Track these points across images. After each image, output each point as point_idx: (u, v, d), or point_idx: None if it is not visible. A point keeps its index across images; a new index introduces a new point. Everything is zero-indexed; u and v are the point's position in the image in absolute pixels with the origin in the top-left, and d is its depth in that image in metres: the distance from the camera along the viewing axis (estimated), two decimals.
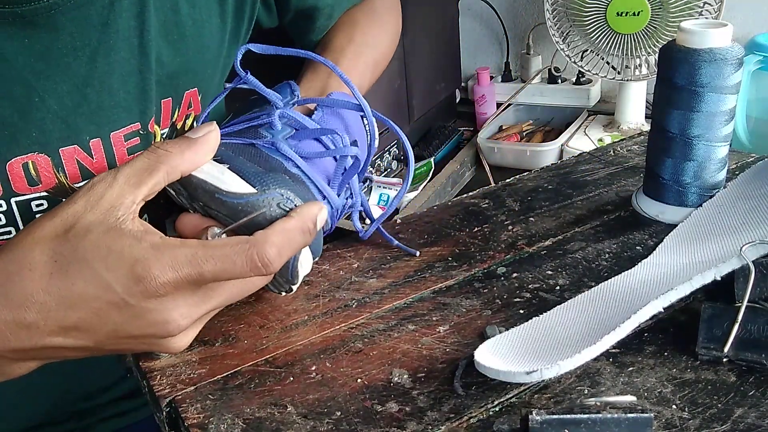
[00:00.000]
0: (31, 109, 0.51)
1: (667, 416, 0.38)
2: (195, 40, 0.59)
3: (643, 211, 0.61)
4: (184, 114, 0.61)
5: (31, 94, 0.51)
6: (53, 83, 0.51)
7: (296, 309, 0.51)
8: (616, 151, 0.75)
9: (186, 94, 0.60)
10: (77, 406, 0.66)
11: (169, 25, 0.57)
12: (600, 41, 1.48)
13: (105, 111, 0.54)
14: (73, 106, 0.53)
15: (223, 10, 0.61)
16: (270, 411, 0.41)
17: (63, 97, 0.52)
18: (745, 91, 1.41)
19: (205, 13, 0.59)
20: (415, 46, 1.65)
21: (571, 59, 1.55)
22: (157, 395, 0.43)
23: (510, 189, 0.68)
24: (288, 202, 0.45)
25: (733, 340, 0.41)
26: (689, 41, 0.54)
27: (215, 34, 0.61)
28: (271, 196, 0.45)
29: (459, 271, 0.55)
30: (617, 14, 1.43)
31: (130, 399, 0.69)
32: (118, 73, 0.54)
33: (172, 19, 0.57)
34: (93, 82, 0.53)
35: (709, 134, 0.55)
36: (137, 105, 0.56)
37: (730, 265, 0.44)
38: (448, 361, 0.44)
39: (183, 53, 0.58)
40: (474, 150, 1.77)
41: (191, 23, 0.58)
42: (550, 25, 1.52)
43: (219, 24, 0.61)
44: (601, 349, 0.40)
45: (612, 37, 1.46)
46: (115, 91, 0.54)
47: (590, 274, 0.52)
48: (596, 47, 1.49)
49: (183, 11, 0.57)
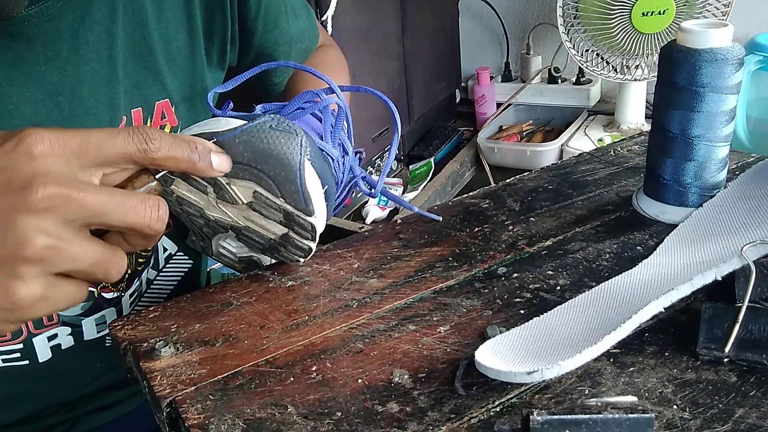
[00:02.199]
0: (5, 116, 0.52)
1: (668, 416, 0.38)
2: (162, 53, 0.61)
3: (643, 211, 0.60)
4: (157, 124, 0.63)
5: (5, 101, 0.52)
6: (26, 91, 0.53)
7: (297, 309, 0.51)
8: (617, 151, 0.75)
9: (157, 104, 0.62)
10: (64, 398, 0.66)
11: (136, 38, 0.59)
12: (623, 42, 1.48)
13: (77, 118, 0.56)
14: (46, 113, 0.54)
15: (191, 27, 0.63)
16: (270, 411, 0.41)
17: (36, 104, 0.54)
18: (745, 91, 1.41)
19: (172, 29, 0.62)
20: (415, 46, 1.65)
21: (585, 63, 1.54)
22: (157, 395, 0.43)
23: (510, 189, 0.68)
24: (280, 123, 0.47)
25: (734, 341, 0.41)
26: (690, 41, 0.54)
27: (182, 49, 0.63)
28: (262, 120, 0.47)
29: (459, 271, 0.55)
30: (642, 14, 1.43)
31: (117, 390, 0.70)
32: (89, 82, 0.56)
33: (140, 33, 0.59)
34: (64, 90, 0.55)
35: (710, 134, 0.55)
36: (107, 113, 0.58)
37: (731, 265, 0.44)
38: (449, 361, 0.44)
39: (150, 65, 0.60)
40: (474, 150, 1.77)
41: (158, 37, 0.60)
42: (560, 23, 1.52)
43: (186, 40, 0.63)
44: (602, 349, 0.40)
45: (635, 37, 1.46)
46: (86, 100, 0.56)
47: (591, 275, 0.52)
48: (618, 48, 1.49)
49: (151, 26, 0.60)
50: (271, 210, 0.50)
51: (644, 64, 1.49)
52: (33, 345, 0.59)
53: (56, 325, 0.60)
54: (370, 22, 0.83)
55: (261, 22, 0.69)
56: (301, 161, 0.48)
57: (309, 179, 0.49)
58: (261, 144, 0.46)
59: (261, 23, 0.69)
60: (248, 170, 0.47)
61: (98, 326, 0.63)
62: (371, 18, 0.83)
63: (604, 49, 1.50)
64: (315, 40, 0.81)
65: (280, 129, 0.47)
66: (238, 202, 0.50)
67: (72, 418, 0.68)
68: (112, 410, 0.70)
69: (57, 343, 0.61)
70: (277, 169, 0.48)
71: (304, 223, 0.50)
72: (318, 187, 0.50)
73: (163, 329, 0.50)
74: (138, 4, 0.58)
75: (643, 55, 1.48)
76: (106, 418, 0.70)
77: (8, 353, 0.58)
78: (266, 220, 0.51)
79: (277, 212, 0.50)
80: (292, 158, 0.48)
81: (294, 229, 0.51)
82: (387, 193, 0.60)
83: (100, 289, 0.61)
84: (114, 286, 0.62)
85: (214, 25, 0.65)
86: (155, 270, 0.68)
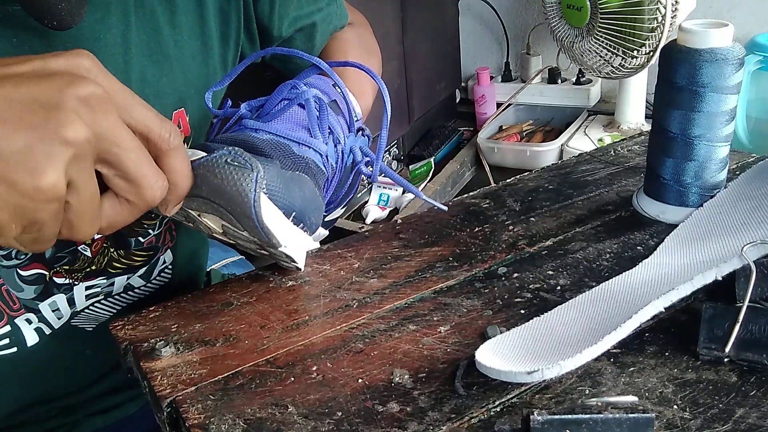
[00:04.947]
0: None
1: (669, 416, 0.38)
2: (178, 60, 0.60)
3: (643, 211, 0.60)
4: None
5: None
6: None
7: (297, 309, 0.51)
8: (617, 151, 0.75)
9: (174, 114, 0.61)
10: (64, 401, 0.66)
11: (152, 45, 0.58)
12: (561, 34, 1.49)
13: None
14: None
15: (204, 32, 0.62)
16: (271, 411, 0.41)
17: None
18: (745, 91, 1.41)
19: (186, 35, 0.60)
20: (415, 46, 1.65)
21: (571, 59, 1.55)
22: (158, 395, 0.43)
23: (510, 189, 0.68)
24: (236, 156, 0.46)
25: (734, 340, 0.41)
26: (690, 41, 0.54)
27: (197, 56, 0.62)
28: (219, 153, 0.45)
29: (460, 271, 0.55)
30: (567, 6, 1.43)
31: (118, 393, 0.69)
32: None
33: (155, 39, 0.58)
34: None
35: (710, 134, 0.55)
36: None
37: (731, 265, 0.44)
38: (449, 361, 0.44)
39: (167, 73, 0.59)
40: (474, 150, 1.77)
41: (173, 44, 0.59)
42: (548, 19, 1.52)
43: (200, 47, 0.62)
44: (602, 349, 0.40)
45: (569, 30, 1.47)
46: None
47: (591, 274, 0.52)
48: (567, 43, 1.49)
49: (164, 32, 0.58)
50: (243, 241, 0.50)
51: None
52: (19, 327, 0.58)
53: (23, 311, 0.59)
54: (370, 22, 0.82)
55: (276, 15, 0.68)
56: (255, 197, 0.45)
57: (266, 214, 0.46)
58: (215, 179, 0.45)
59: (276, 17, 0.68)
60: (209, 204, 0.46)
61: (54, 312, 0.61)
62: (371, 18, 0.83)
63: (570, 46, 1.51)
64: (342, 19, 0.78)
65: (236, 164, 0.45)
66: (212, 231, 0.50)
67: (72, 422, 0.68)
68: (113, 413, 0.70)
69: (38, 326, 0.60)
70: (232, 205, 0.46)
71: (276, 252, 0.49)
72: (279, 219, 0.48)
73: (163, 329, 0.50)
74: (149, 9, 0.57)
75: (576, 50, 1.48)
76: (107, 420, 0.70)
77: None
78: (246, 246, 0.52)
79: (249, 243, 0.50)
80: (245, 195, 0.45)
81: (271, 254, 0.51)
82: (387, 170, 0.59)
83: (52, 273, 0.60)
84: (68, 274, 0.60)
85: (229, 28, 0.64)
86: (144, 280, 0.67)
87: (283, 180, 0.50)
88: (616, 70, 1.43)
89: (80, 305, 0.62)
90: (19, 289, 0.58)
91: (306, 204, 0.52)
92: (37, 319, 0.60)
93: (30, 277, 0.58)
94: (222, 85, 0.58)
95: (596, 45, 1.41)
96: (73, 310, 0.62)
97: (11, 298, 0.58)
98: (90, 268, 0.61)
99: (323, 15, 0.74)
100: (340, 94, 0.60)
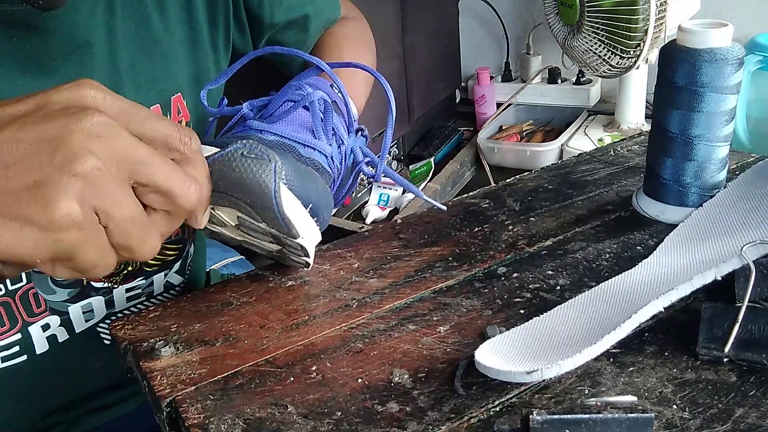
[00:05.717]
0: None
1: (668, 416, 0.38)
2: (169, 45, 0.60)
3: (643, 211, 0.60)
4: (175, 119, 0.62)
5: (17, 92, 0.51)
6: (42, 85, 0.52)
7: (296, 309, 0.51)
8: (617, 151, 0.75)
9: (173, 99, 0.61)
10: (62, 399, 0.66)
11: (140, 33, 0.58)
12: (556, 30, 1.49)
13: None
14: None
15: (191, 17, 0.62)
16: (270, 411, 0.41)
17: None
18: (745, 91, 1.41)
19: (174, 20, 0.61)
20: (415, 46, 1.65)
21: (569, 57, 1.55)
22: (157, 395, 0.43)
23: (510, 189, 0.68)
24: (252, 149, 0.46)
25: (734, 340, 0.41)
26: (690, 41, 0.54)
27: (185, 41, 0.62)
28: (234, 147, 0.46)
29: (459, 271, 0.55)
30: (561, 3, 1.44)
31: (117, 390, 0.70)
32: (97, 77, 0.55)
33: (144, 27, 0.58)
34: None
35: (710, 134, 0.55)
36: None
37: (731, 265, 0.44)
38: (449, 361, 0.44)
39: (159, 59, 0.59)
40: (474, 150, 1.77)
41: (162, 29, 0.59)
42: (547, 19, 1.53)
43: (188, 31, 0.62)
44: (602, 348, 0.40)
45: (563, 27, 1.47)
46: None
47: (591, 274, 0.52)
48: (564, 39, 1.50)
49: (153, 18, 0.59)
50: (258, 233, 0.50)
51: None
52: (30, 335, 0.59)
53: (46, 314, 0.60)
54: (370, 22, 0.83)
55: (267, 3, 0.68)
56: (276, 188, 0.46)
57: (287, 204, 0.47)
58: (233, 173, 0.45)
59: (267, 5, 0.68)
60: (226, 198, 0.46)
61: (85, 314, 0.62)
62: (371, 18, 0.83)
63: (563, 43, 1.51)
64: (335, 12, 0.78)
65: (252, 156, 0.45)
66: (226, 224, 0.50)
67: (71, 418, 0.68)
68: (112, 410, 0.70)
69: (52, 333, 0.61)
70: (252, 197, 0.46)
71: (292, 243, 0.49)
72: (298, 209, 0.49)
73: (163, 329, 0.50)
74: None
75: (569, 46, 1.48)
76: (106, 418, 0.70)
77: (7, 348, 0.58)
78: (258, 240, 0.51)
79: (264, 235, 0.50)
80: (266, 186, 0.46)
81: (285, 247, 0.51)
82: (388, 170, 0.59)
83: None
84: (106, 278, 0.61)
85: (216, 12, 0.64)
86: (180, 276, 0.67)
87: (299, 172, 0.50)
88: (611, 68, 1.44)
89: (119, 306, 0.63)
90: (50, 293, 0.58)
91: (320, 198, 0.52)
92: (57, 323, 0.60)
93: (66, 281, 0.58)
94: (218, 83, 0.58)
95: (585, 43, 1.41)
96: (110, 311, 0.63)
97: (37, 301, 0.58)
98: (127, 269, 0.62)
99: (316, 7, 0.74)
100: (340, 95, 0.60)
